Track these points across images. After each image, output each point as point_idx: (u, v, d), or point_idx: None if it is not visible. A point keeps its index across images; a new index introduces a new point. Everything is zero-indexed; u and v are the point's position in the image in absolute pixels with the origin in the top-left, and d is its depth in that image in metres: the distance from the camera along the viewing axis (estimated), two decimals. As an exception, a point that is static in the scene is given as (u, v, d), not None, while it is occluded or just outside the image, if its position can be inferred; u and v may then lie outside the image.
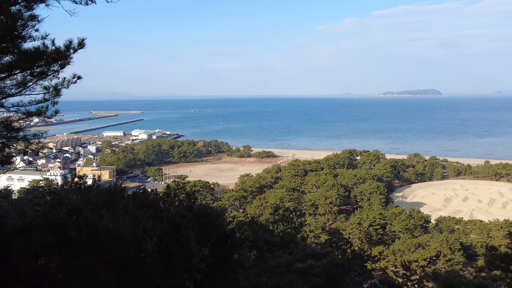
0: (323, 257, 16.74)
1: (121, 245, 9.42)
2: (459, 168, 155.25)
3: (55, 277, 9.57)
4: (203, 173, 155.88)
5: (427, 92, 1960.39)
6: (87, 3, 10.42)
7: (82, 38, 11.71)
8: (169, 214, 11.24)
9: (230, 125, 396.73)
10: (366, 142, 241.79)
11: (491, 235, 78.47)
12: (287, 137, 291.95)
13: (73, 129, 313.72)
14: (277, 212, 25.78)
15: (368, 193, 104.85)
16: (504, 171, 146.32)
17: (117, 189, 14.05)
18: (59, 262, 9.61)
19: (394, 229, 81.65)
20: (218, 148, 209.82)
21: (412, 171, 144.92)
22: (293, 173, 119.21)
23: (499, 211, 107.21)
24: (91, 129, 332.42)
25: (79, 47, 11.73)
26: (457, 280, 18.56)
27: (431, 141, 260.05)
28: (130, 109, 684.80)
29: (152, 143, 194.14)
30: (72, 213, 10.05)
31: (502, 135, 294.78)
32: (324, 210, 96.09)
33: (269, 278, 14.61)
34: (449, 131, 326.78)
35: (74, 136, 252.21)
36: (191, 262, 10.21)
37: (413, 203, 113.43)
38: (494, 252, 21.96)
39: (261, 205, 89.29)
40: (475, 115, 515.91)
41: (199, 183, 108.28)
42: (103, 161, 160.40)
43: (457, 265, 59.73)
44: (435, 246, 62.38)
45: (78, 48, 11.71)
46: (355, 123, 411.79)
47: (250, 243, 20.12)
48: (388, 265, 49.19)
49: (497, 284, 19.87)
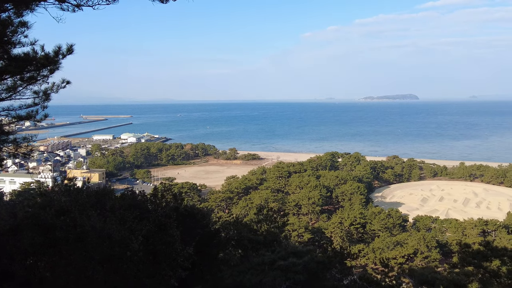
0: (304, 255, 16.84)
1: (108, 245, 9.39)
2: (436, 169, 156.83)
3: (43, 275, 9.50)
4: (191, 175, 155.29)
5: (405, 97, 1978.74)
6: (74, 10, 10.37)
7: (70, 44, 11.66)
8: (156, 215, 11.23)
9: (217, 128, 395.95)
10: (347, 144, 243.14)
11: (466, 233, 79.38)
12: (272, 140, 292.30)
13: (63, 133, 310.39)
14: (261, 212, 25.83)
15: (349, 193, 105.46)
16: (478, 172, 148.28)
17: (105, 191, 13.99)
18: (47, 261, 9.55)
19: (373, 228, 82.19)
20: (205, 151, 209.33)
21: (391, 172, 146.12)
22: (278, 175, 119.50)
23: (473, 210, 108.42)
24: (81, 132, 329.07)
25: (67, 52, 11.68)
26: (432, 276, 18.79)
27: (409, 144, 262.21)
28: (120, 113, 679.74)
29: (141, 146, 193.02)
30: (61, 214, 9.99)
31: (476, 138, 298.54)
32: (307, 210, 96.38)
33: (253, 275, 14.66)
34: (426, 134, 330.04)
35: (64, 139, 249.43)
36: (176, 260, 10.22)
37: (391, 203, 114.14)
38: (467, 249, 22.20)
39: (246, 205, 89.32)
40: (450, 119, 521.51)
41: (186, 185, 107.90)
42: (93, 164, 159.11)
43: (433, 262, 60.31)
44: (413, 244, 62.94)
45: (67, 53, 11.66)
46: (337, 126, 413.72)
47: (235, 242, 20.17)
48: (368, 262, 49.46)
49: (470, 280, 20.12)
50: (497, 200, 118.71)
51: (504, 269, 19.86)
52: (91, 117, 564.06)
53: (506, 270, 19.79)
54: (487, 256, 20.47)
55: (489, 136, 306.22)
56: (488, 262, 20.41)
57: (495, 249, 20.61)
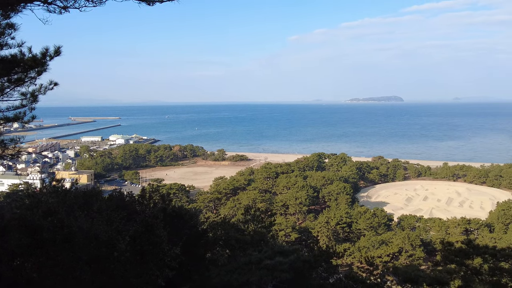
0: (291, 254, 16.85)
1: (95, 245, 9.35)
2: (420, 169, 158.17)
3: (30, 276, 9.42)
4: (179, 176, 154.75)
5: (390, 98, 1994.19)
6: (60, 12, 10.30)
7: (58, 46, 11.58)
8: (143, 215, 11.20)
9: (205, 130, 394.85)
10: (334, 145, 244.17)
11: (449, 232, 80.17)
12: (260, 141, 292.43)
13: (52, 135, 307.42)
14: (249, 213, 25.83)
15: (336, 193, 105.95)
16: (461, 172, 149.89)
17: (93, 192, 13.91)
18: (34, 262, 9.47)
19: (359, 227, 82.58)
20: (194, 152, 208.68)
21: (376, 173, 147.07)
22: (265, 176, 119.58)
23: (457, 209, 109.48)
24: (69, 134, 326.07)
25: (55, 54, 11.59)
26: (415, 274, 18.94)
27: (393, 145, 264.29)
28: (108, 115, 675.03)
29: (129, 147, 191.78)
30: (48, 215, 9.92)
31: (460, 139, 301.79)
32: (294, 210, 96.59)
33: (240, 274, 14.65)
34: (411, 135, 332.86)
35: (53, 141, 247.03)
36: (163, 260, 10.20)
37: (377, 203, 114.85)
38: (450, 247, 22.42)
39: (234, 206, 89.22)
40: (434, 120, 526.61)
41: (175, 186, 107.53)
42: (82, 165, 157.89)
43: (418, 260, 60.85)
44: (398, 243, 63.40)
45: (54, 55, 11.57)
46: (324, 128, 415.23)
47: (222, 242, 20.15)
48: (354, 261, 49.68)
49: (452, 277, 20.34)
50: (480, 200, 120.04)
51: (486, 266, 20.11)
52: (79, 118, 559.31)
53: (488, 268, 20.05)
54: (469, 254, 20.70)
55: (472, 137, 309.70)
56: (470, 260, 20.65)
57: (477, 247, 20.85)
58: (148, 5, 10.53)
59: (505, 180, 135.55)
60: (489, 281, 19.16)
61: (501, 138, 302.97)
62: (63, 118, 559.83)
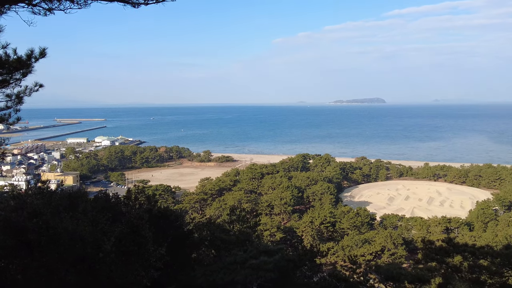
0: (275, 253, 16.91)
1: (80, 246, 9.28)
2: (402, 169, 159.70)
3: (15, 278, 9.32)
4: (165, 178, 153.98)
5: (372, 100, 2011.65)
6: (45, 14, 10.19)
7: (43, 48, 11.47)
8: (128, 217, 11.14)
9: (191, 131, 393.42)
10: (318, 146, 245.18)
11: (430, 231, 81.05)
12: (245, 142, 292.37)
13: (37, 136, 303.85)
14: (234, 213, 25.86)
15: (320, 193, 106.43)
16: (442, 172, 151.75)
17: (78, 193, 13.78)
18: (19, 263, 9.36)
19: (343, 227, 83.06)
20: (180, 153, 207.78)
21: (359, 173, 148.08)
22: (251, 176, 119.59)
23: (437, 208, 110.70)
24: (55, 136, 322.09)
25: (40, 56, 11.47)
26: (397, 272, 19.14)
27: (376, 145, 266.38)
28: (94, 117, 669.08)
29: (115, 149, 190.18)
30: (33, 216, 9.81)
31: (440, 139, 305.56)
32: (279, 210, 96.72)
33: (225, 274, 14.66)
34: (393, 136, 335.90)
35: (38, 142, 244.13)
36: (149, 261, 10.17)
37: (360, 202, 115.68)
38: (431, 245, 22.71)
39: (220, 207, 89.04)
40: (416, 122, 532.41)
41: (161, 187, 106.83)
42: (67, 167, 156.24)
43: (400, 258, 61.51)
44: (380, 242, 63.90)
45: (39, 57, 11.46)
46: (308, 129, 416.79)
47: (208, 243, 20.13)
48: (337, 260, 49.99)
49: (433, 275, 20.60)
50: (460, 199, 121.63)
51: (465, 264, 20.41)
52: (65, 120, 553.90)
53: (467, 265, 20.35)
54: (449, 252, 20.99)
55: (452, 138, 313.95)
56: (450, 258, 20.94)
57: (457, 245, 21.14)
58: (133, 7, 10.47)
59: (484, 180, 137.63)
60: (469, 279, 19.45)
61: (480, 139, 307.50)
62: (48, 119, 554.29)
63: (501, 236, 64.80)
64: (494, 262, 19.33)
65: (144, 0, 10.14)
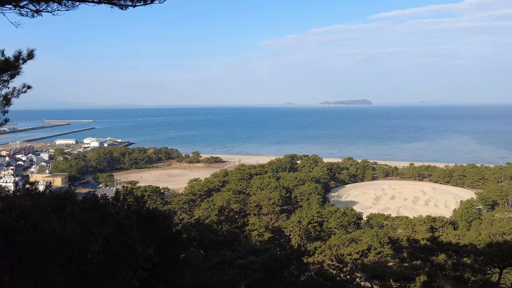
0: (263, 253, 16.95)
1: (68, 247, 9.22)
2: (387, 170, 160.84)
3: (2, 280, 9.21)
4: (154, 179, 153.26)
5: (359, 102, 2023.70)
6: (33, 15, 10.11)
7: (31, 49, 11.36)
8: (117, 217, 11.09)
9: (180, 133, 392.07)
10: (305, 147, 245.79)
11: (416, 230, 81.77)
12: (234, 143, 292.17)
13: (26, 138, 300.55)
14: (222, 213, 25.82)
15: (307, 193, 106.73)
16: (427, 172, 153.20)
17: (66, 194, 13.68)
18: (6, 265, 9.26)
19: (330, 226, 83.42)
20: (168, 154, 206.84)
21: (346, 173, 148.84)
22: (239, 177, 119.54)
23: (422, 208, 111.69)
24: (43, 137, 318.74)
25: (28, 57, 11.37)
26: (383, 270, 19.30)
27: (363, 146, 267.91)
28: (82, 118, 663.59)
29: (103, 150, 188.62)
30: (21, 218, 9.73)
31: (425, 140, 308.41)
32: (268, 210, 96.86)
33: (213, 274, 14.66)
34: (379, 137, 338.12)
35: (27, 144, 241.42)
36: (137, 261, 10.13)
37: (347, 202, 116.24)
38: (415, 244, 22.96)
39: (209, 207, 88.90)
40: (401, 123, 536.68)
41: (149, 188, 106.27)
42: (56, 168, 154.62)
43: (386, 257, 61.80)
44: (367, 241, 64.27)
45: (27, 58, 11.35)
46: (296, 130, 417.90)
47: (196, 243, 20.07)
48: (325, 259, 50.15)
49: (418, 273, 20.81)
50: (444, 198, 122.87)
51: (449, 262, 20.66)
52: (53, 122, 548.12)
53: (451, 263, 20.60)
54: (434, 250, 21.23)
55: (437, 139, 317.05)
56: (434, 256, 21.19)
57: (441, 244, 21.39)
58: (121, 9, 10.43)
59: (468, 179, 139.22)
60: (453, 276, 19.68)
61: (464, 139, 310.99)
62: (37, 121, 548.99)
63: (484, 234, 65.69)
64: (477, 260, 19.59)
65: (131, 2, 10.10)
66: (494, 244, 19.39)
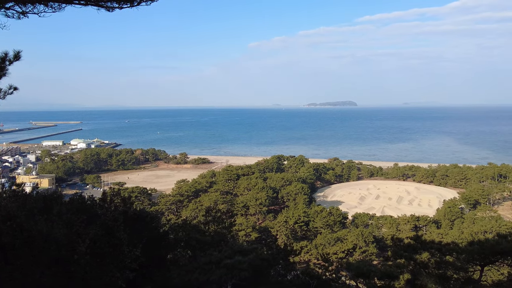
0: (250, 253, 17.00)
1: (54, 248, 9.15)
2: (372, 170, 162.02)
3: (-12, 282, 9.12)
4: (141, 180, 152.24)
5: (345, 103, 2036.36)
6: (19, 17, 10.03)
7: (18, 51, 11.24)
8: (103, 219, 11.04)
9: (167, 134, 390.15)
10: (292, 148, 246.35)
11: (400, 229, 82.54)
12: (221, 144, 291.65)
13: (12, 139, 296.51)
14: (210, 214, 25.81)
15: (294, 193, 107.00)
16: (410, 172, 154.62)
17: (53, 196, 13.55)
18: (-8, 267, 9.16)
19: (316, 226, 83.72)
20: (156, 156, 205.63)
21: (332, 173, 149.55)
22: (227, 178, 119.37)
23: (406, 207, 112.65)
24: (30, 138, 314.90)
25: (14, 59, 11.24)
26: (367, 268, 19.44)
27: (348, 147, 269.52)
28: (69, 119, 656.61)
29: (90, 151, 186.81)
30: (7, 219, 9.62)
31: (409, 141, 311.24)
32: (255, 210, 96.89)
33: (200, 274, 14.65)
34: (364, 137, 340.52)
35: (13, 145, 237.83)
36: (124, 262, 10.09)
37: (332, 202, 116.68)
38: (399, 243, 23.16)
39: (196, 208, 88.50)
40: (386, 124, 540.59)
41: (137, 189, 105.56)
42: (43, 170, 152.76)
43: (371, 256, 62.30)
44: (352, 240, 64.73)
45: (14, 60, 11.22)
46: (283, 131, 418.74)
47: (183, 243, 20.04)
48: (311, 258, 50.43)
49: (401, 271, 21.01)
50: (428, 198, 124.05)
51: (432, 260, 20.90)
52: (40, 123, 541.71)
53: (434, 261, 20.84)
54: (417, 249, 21.44)
55: (420, 139, 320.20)
56: (418, 254, 21.41)
57: (424, 242, 21.60)
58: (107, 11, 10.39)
59: (451, 179, 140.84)
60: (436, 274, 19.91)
61: (447, 140, 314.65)
62: (24, 122, 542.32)
63: (467, 233, 66.51)
64: (459, 258, 19.82)
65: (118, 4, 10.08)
66: (475, 243, 19.64)
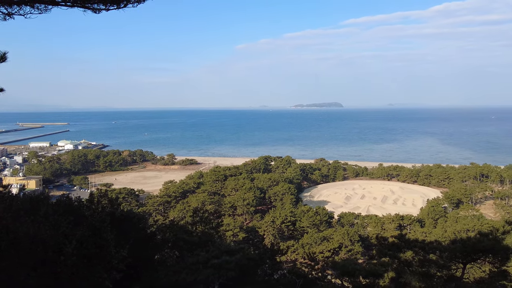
0: (237, 253, 17.02)
1: (41, 250, 9.08)
2: (358, 170, 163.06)
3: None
4: (129, 181, 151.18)
5: (330, 105, 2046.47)
6: (5, 18, 9.92)
7: (4, 52, 11.11)
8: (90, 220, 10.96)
9: (155, 135, 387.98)
10: (279, 149, 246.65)
11: (385, 228, 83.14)
12: (209, 145, 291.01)
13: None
14: (197, 214, 25.73)
15: (281, 194, 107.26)
16: (395, 172, 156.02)
17: (40, 197, 13.42)
18: (-22, 269, 9.05)
19: (303, 225, 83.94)
20: (143, 157, 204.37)
21: (318, 174, 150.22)
22: (214, 178, 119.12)
23: (391, 206, 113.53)
24: (17, 140, 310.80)
25: (1, 60, 11.13)
26: (352, 267, 19.57)
27: (334, 147, 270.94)
28: (57, 121, 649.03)
29: (78, 153, 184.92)
30: (-8, 222, 9.51)
31: (393, 141, 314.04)
32: (242, 210, 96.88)
33: (187, 274, 14.63)
34: (350, 138, 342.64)
35: (0, 147, 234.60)
36: (111, 263, 10.03)
37: (319, 202, 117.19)
38: (384, 242, 23.37)
39: (183, 208, 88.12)
40: (371, 125, 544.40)
41: (124, 190, 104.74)
42: (30, 171, 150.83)
43: (356, 255, 62.77)
44: (338, 239, 65.04)
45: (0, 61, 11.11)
46: (270, 132, 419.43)
47: (171, 244, 19.96)
48: (298, 257, 50.57)
49: (386, 269, 21.20)
50: (412, 197, 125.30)
51: (416, 258, 21.13)
52: (27, 124, 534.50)
53: (418, 260, 21.07)
54: (401, 247, 21.66)
55: (404, 140, 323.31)
56: (402, 253, 21.63)
57: (408, 241, 21.83)
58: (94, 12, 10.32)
59: (434, 179, 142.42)
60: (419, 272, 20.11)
61: (430, 141, 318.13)
62: (10, 123, 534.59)
63: (450, 231, 67.35)
64: (442, 256, 20.07)
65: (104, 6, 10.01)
66: (458, 241, 19.90)
